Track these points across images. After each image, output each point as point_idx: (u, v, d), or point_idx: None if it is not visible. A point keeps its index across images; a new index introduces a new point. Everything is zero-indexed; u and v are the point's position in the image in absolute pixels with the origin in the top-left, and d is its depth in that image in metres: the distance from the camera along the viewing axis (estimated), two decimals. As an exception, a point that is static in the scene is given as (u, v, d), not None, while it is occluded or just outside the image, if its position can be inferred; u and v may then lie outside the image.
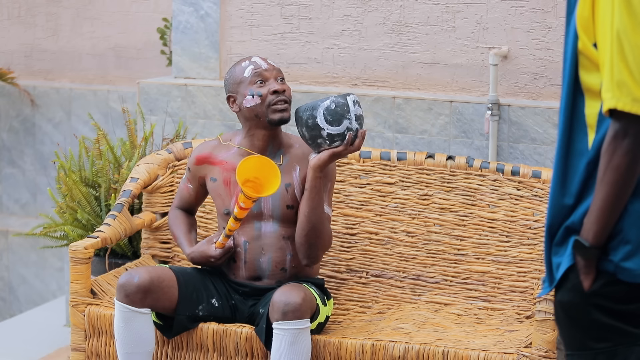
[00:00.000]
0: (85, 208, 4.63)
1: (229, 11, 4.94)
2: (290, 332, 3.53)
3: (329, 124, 3.58)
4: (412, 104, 4.63)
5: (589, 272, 2.38)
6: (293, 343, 3.52)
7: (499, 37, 4.53)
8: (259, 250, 3.78)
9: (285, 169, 3.78)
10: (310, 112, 3.59)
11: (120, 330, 3.68)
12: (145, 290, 3.65)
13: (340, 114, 3.58)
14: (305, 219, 3.67)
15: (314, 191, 3.65)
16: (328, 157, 3.62)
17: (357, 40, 4.75)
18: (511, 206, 4.08)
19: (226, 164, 3.83)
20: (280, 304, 3.53)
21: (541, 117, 4.44)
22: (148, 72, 5.95)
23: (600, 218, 2.34)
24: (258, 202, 3.76)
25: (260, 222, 3.78)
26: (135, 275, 3.67)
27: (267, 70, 3.76)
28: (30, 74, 6.30)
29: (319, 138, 3.60)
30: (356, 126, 3.61)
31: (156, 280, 3.68)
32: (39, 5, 6.25)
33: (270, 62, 3.80)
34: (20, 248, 6.29)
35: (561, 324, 2.50)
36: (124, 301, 3.66)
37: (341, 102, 3.59)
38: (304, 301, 3.55)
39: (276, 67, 3.79)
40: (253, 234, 3.79)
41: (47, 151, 6.20)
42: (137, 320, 3.67)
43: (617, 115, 2.28)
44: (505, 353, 3.53)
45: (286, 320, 3.52)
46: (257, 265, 3.79)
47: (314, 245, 3.70)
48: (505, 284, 4.04)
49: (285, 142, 3.84)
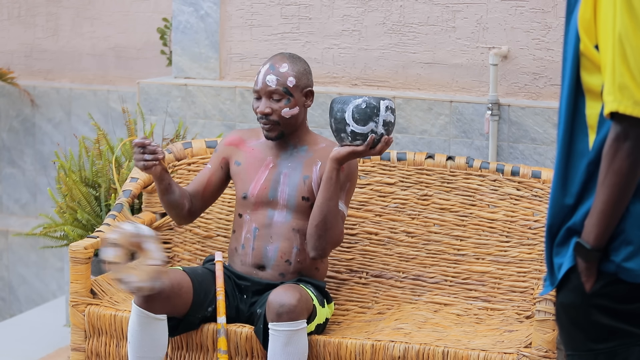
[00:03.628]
0: (85, 208, 4.63)
1: (229, 11, 4.94)
2: (284, 333, 3.53)
3: (355, 122, 3.60)
4: (412, 104, 4.63)
5: (590, 274, 2.39)
6: (288, 344, 3.53)
7: (499, 37, 4.53)
8: (267, 238, 3.81)
9: (306, 162, 3.84)
10: (341, 105, 3.63)
11: (135, 334, 3.66)
12: (165, 297, 3.64)
13: (369, 115, 3.60)
14: (318, 209, 3.70)
15: (329, 182, 3.67)
16: (347, 153, 3.65)
17: (357, 40, 4.75)
18: (511, 206, 4.09)
19: (254, 150, 3.90)
20: (276, 304, 3.54)
21: (541, 117, 4.44)
22: (148, 72, 5.95)
23: (601, 220, 2.35)
24: (274, 191, 3.82)
25: (274, 211, 3.83)
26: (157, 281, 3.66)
27: (260, 90, 3.81)
28: (30, 74, 6.30)
29: (343, 132, 3.63)
30: (382, 131, 3.62)
31: (176, 287, 3.68)
32: (39, 5, 6.25)
33: (270, 77, 3.80)
34: (20, 248, 6.29)
35: (562, 325, 2.50)
36: (143, 306, 3.64)
37: (373, 104, 3.61)
38: (299, 302, 3.55)
39: (270, 86, 3.79)
40: (264, 221, 3.83)
41: (47, 151, 6.20)
42: (153, 326, 3.65)
43: (619, 118, 2.28)
44: (505, 353, 3.54)
45: (281, 322, 3.53)
46: (264, 252, 3.81)
47: (323, 238, 3.71)
48: (505, 284, 4.04)
49: (310, 140, 3.90)
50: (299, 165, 3.84)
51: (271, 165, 3.86)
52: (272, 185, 3.84)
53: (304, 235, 3.80)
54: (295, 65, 3.83)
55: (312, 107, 4.72)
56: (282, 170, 3.85)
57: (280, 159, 3.87)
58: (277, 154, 3.88)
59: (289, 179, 3.83)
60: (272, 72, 3.79)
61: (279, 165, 3.86)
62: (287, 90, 3.79)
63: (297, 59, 3.86)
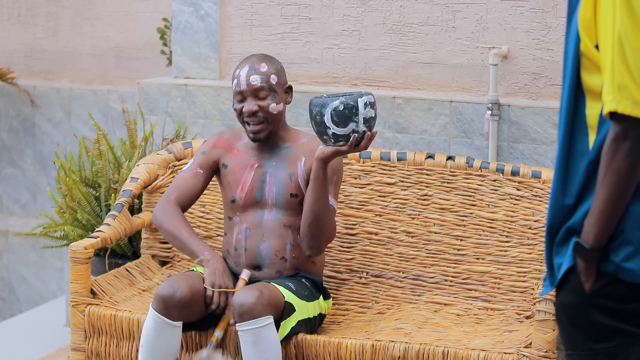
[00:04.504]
0: (85, 208, 4.63)
1: (229, 11, 4.94)
2: (250, 332, 3.54)
3: (334, 124, 3.58)
4: (412, 104, 4.63)
5: (590, 274, 2.39)
6: (256, 342, 3.53)
7: (499, 37, 4.53)
8: (260, 237, 3.81)
9: (290, 159, 3.85)
10: (319, 108, 3.60)
11: (150, 339, 3.64)
12: (185, 305, 3.63)
13: (348, 116, 3.57)
14: (309, 209, 3.71)
15: (317, 181, 3.68)
16: (331, 153, 3.64)
17: (357, 40, 4.75)
18: (511, 206, 4.08)
19: (239, 152, 3.91)
20: (236, 306, 3.56)
21: (541, 117, 4.44)
22: (148, 72, 5.95)
23: (600, 220, 2.35)
24: (262, 191, 3.83)
25: (263, 210, 3.83)
26: (178, 289, 3.63)
27: (245, 91, 3.81)
28: (30, 74, 6.30)
29: (325, 135, 3.62)
30: (363, 129, 3.60)
31: (196, 294, 3.66)
32: (39, 5, 6.26)
33: (253, 77, 3.81)
34: (20, 248, 6.29)
35: (562, 325, 2.50)
36: (162, 313, 3.62)
37: (350, 104, 3.58)
38: (257, 299, 3.54)
39: (254, 85, 3.80)
40: (255, 221, 3.83)
41: (47, 151, 6.20)
42: (169, 332, 3.64)
43: (618, 118, 2.29)
44: (505, 353, 3.53)
45: (243, 322, 3.54)
46: (257, 252, 3.81)
47: (317, 236, 3.73)
48: (505, 284, 4.04)
49: (291, 137, 3.91)
50: (284, 163, 3.86)
51: (256, 166, 3.87)
52: (258, 186, 3.85)
53: (296, 231, 3.81)
54: (273, 64, 3.86)
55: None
56: (267, 170, 3.86)
57: (264, 158, 3.88)
58: (260, 154, 3.89)
59: (275, 177, 3.84)
60: (254, 73, 3.81)
61: (263, 165, 3.87)
62: (271, 87, 3.82)
63: (272, 58, 3.90)
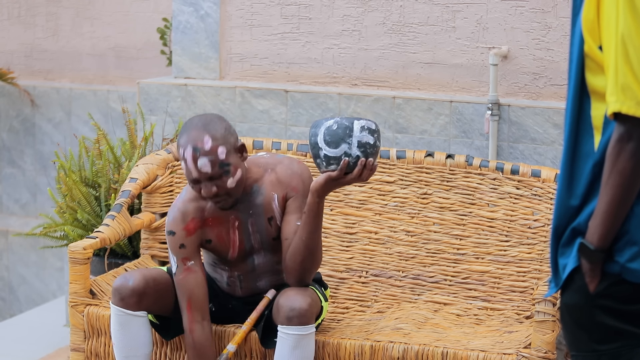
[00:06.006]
0: (85, 208, 4.63)
1: (229, 11, 4.94)
2: (293, 337, 3.53)
3: (326, 144, 3.40)
4: (412, 104, 4.63)
5: (595, 275, 2.39)
6: (296, 347, 3.53)
7: (499, 37, 4.53)
8: (255, 278, 3.76)
9: (264, 202, 3.65)
10: (314, 129, 3.45)
11: (117, 334, 3.67)
12: (140, 294, 3.63)
13: (340, 137, 3.39)
14: (303, 245, 3.55)
15: (310, 215, 3.52)
16: (324, 182, 3.46)
17: (357, 40, 4.75)
18: (511, 205, 4.08)
19: (213, 219, 3.67)
20: (286, 308, 3.52)
21: (541, 117, 4.44)
22: (148, 72, 5.95)
23: (605, 221, 2.35)
24: (249, 242, 3.68)
25: (253, 256, 3.72)
26: (130, 278, 3.64)
27: (198, 178, 3.51)
28: (30, 74, 6.30)
29: (318, 158, 3.45)
30: (357, 153, 3.39)
31: (151, 283, 3.65)
32: (39, 5, 6.25)
33: (201, 162, 3.48)
34: (20, 248, 6.29)
35: (566, 325, 2.51)
36: (119, 305, 3.64)
37: (345, 124, 3.40)
38: (310, 307, 3.53)
39: (207, 172, 3.49)
40: (247, 268, 3.74)
41: (47, 151, 6.20)
42: (133, 324, 3.65)
43: (622, 119, 2.29)
44: (504, 354, 3.53)
45: (291, 325, 3.52)
46: (254, 289, 3.77)
47: (309, 271, 3.62)
48: (504, 283, 4.04)
49: (255, 176, 3.66)
50: (259, 209, 3.65)
51: (237, 224, 3.67)
52: (245, 239, 3.68)
53: None
54: (215, 131, 3.52)
55: (312, 108, 4.73)
56: (247, 220, 3.66)
57: (240, 210, 3.66)
58: (237, 207, 3.66)
59: (257, 225, 3.67)
60: (200, 156, 3.48)
61: (242, 218, 3.66)
62: (222, 164, 3.50)
63: (211, 123, 3.54)
